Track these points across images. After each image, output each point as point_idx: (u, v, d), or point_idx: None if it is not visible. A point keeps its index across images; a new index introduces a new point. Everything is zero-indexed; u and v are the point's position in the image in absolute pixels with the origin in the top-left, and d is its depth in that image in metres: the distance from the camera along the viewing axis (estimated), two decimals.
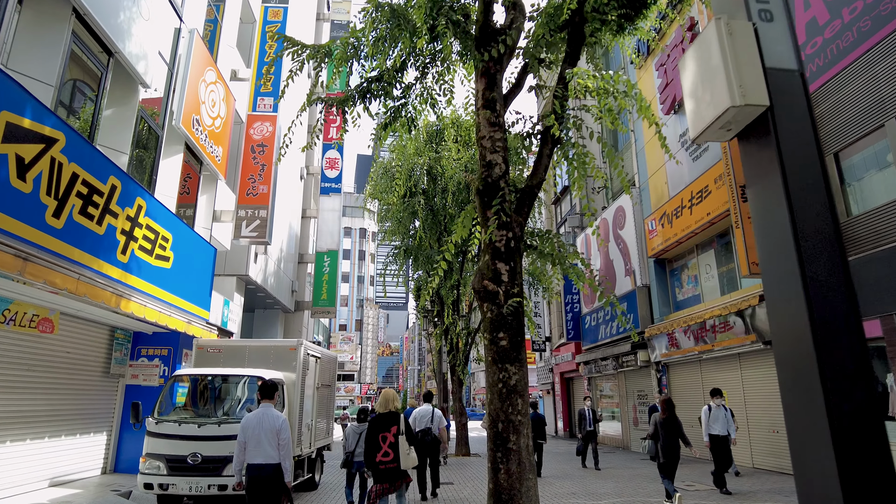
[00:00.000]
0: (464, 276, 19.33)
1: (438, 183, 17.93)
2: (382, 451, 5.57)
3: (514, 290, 5.96)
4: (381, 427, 5.70)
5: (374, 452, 5.58)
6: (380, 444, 5.61)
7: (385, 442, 5.60)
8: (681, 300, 16.64)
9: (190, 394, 8.11)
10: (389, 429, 5.67)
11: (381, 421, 5.74)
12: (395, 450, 5.57)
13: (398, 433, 5.65)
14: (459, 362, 18.54)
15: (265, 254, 16.28)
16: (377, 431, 5.69)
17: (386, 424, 5.71)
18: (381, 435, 5.65)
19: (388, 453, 5.55)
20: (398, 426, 5.70)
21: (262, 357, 9.14)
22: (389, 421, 5.74)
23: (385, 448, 5.62)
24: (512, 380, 5.68)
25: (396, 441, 5.60)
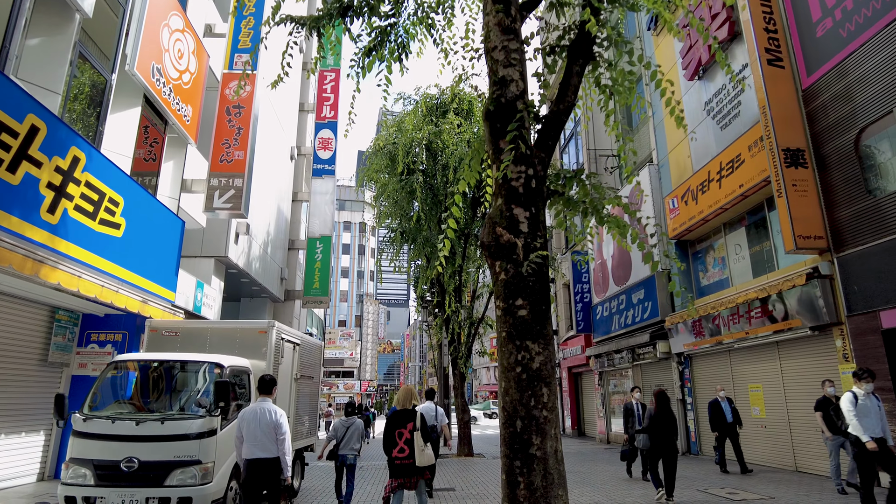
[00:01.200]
0: (466, 262, 17.83)
1: (439, 159, 16.43)
2: (398, 447, 5.52)
3: (537, 244, 4.47)
4: (397, 423, 5.62)
5: (391, 448, 5.56)
6: (396, 439, 5.54)
7: (401, 438, 5.54)
8: (705, 285, 15.13)
9: (136, 385, 6.61)
10: (406, 425, 5.57)
11: (399, 417, 5.65)
12: (410, 446, 5.51)
13: (414, 430, 5.57)
14: (462, 355, 17.05)
15: (247, 234, 14.80)
16: (394, 427, 5.61)
17: (402, 420, 5.61)
18: (397, 431, 5.57)
19: (404, 449, 5.50)
20: (414, 423, 5.59)
21: (226, 341, 7.66)
22: (406, 417, 5.64)
23: (401, 444, 5.53)
24: (535, 362, 4.21)
25: (412, 437, 5.53)
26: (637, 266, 17.79)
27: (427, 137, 16.17)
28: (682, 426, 15.20)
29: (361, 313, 70.72)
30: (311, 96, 23.87)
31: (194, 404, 6.08)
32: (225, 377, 6.44)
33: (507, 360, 4.26)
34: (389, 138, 17.45)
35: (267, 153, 17.82)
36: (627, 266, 18.48)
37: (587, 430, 24.38)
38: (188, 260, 13.58)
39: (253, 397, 7.24)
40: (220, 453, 6.13)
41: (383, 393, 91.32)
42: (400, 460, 5.48)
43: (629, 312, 18.00)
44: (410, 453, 5.48)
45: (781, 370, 11.60)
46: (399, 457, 5.48)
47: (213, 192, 10.86)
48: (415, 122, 16.88)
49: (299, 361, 8.97)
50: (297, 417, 8.87)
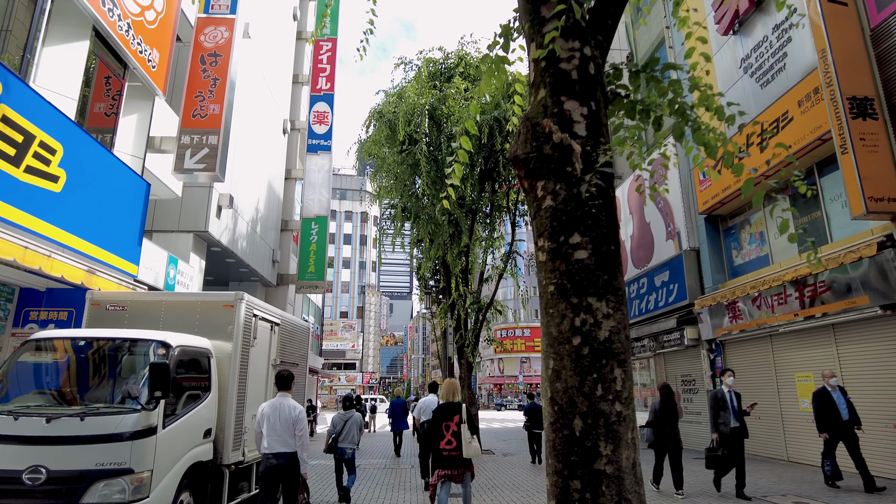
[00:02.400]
0: (473, 242, 16.34)
1: (443, 128, 14.89)
2: (446, 440, 5.58)
3: (598, 156, 2.97)
4: (444, 416, 5.69)
5: (438, 440, 5.63)
6: (443, 432, 5.61)
7: (448, 430, 5.59)
8: (740, 264, 13.61)
9: (57, 371, 5.14)
10: (452, 418, 5.64)
11: (445, 410, 5.73)
12: (457, 438, 5.54)
13: (461, 422, 5.61)
14: (469, 343, 15.59)
15: (231, 207, 13.33)
16: (441, 420, 5.67)
17: (449, 413, 5.68)
18: (444, 423, 5.64)
19: (451, 441, 5.56)
20: (461, 415, 5.65)
21: (184, 317, 6.20)
22: (452, 410, 5.71)
23: (448, 436, 5.58)
24: (601, 329, 2.72)
25: (459, 430, 5.56)
26: (660, 245, 16.27)
27: (430, 104, 14.64)
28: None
29: (363, 304, 69.38)
30: (305, 67, 22.32)
31: (123, 394, 4.62)
32: (171, 359, 4.98)
33: (558, 327, 2.77)
34: (389, 107, 15.93)
35: (256, 124, 16.33)
36: (649, 246, 16.96)
37: None
38: (164, 235, 12.16)
39: (217, 386, 5.81)
40: (163, 458, 4.69)
41: (386, 386, 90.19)
42: (447, 452, 5.54)
43: (651, 297, 16.50)
44: (457, 445, 5.52)
45: (839, 357, 10.09)
46: (446, 448, 5.55)
47: (184, 150, 9.38)
48: (417, 89, 15.35)
49: (279, 345, 7.51)
50: None
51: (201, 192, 12.57)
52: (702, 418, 14.33)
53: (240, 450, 6.08)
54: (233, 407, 5.92)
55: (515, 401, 55.44)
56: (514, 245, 15.83)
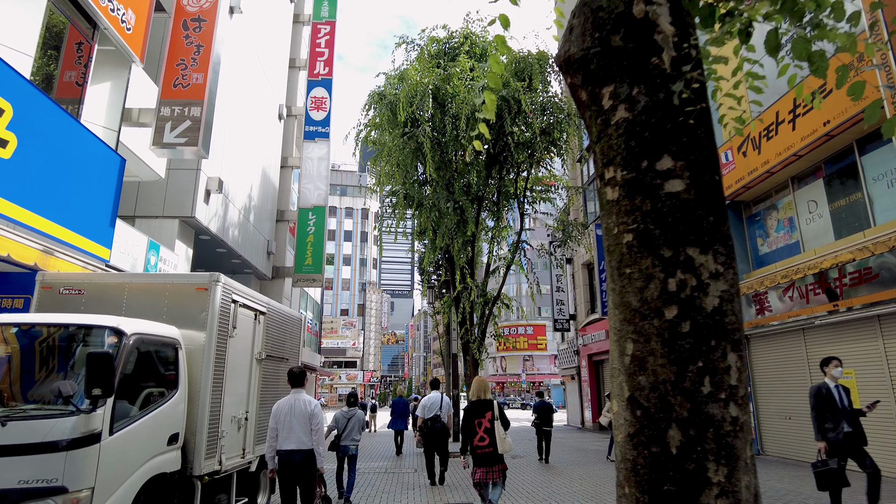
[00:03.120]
0: (479, 231, 15.44)
1: (447, 109, 13.97)
2: (479, 437, 5.53)
3: (689, 48, 1.96)
4: (476, 413, 5.64)
5: (471, 437, 5.59)
6: (475, 429, 5.57)
7: (480, 427, 5.55)
8: (765, 253, 12.69)
9: None
10: (484, 415, 5.59)
11: (476, 407, 5.68)
12: (490, 435, 5.50)
13: (493, 419, 5.56)
14: (475, 338, 14.69)
15: (220, 192, 12.43)
16: (473, 417, 5.63)
17: (481, 411, 5.64)
18: (476, 421, 5.60)
19: (484, 438, 5.51)
20: (492, 412, 5.61)
21: (150, 302, 5.30)
22: (484, 407, 5.66)
23: (481, 433, 5.54)
24: (708, 296, 1.68)
25: (492, 426, 5.52)
26: None
27: (434, 83, 13.72)
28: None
29: (364, 302, 68.50)
30: (303, 52, 21.41)
31: (53, 392, 3.72)
32: (123, 349, 4.08)
33: (641, 294, 1.87)
34: (390, 89, 15.02)
35: (249, 107, 15.43)
36: None
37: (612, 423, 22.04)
38: (148, 221, 11.29)
39: (187, 382, 4.93)
40: (110, 472, 3.79)
41: (387, 384, 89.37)
42: (481, 449, 5.52)
43: None
44: (491, 441, 5.51)
45: (885, 352, 9.18)
46: (480, 445, 5.53)
47: (163, 123, 8.49)
48: (420, 70, 14.45)
49: (265, 336, 6.61)
50: (262, 411, 6.52)
51: (187, 175, 11.68)
52: None
53: (215, 457, 5.18)
54: (206, 407, 5.02)
55: (518, 399, 54.52)
56: (523, 234, 14.91)
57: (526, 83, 13.12)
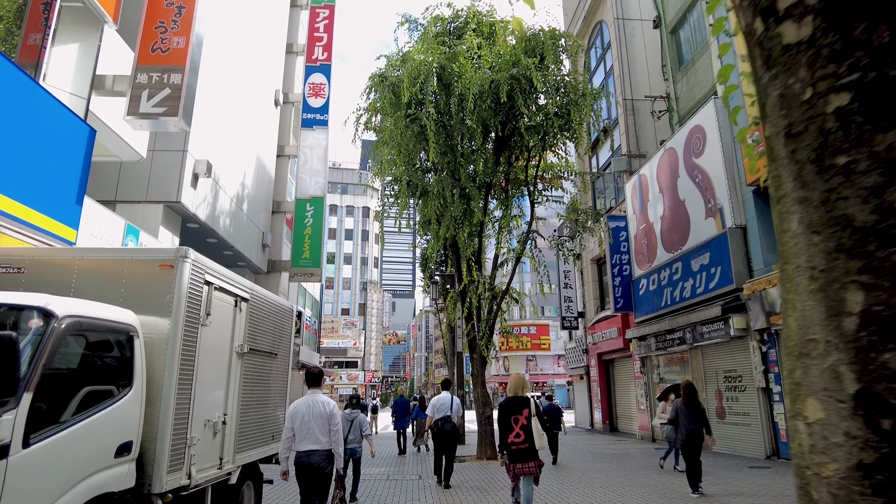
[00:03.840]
0: (487, 220, 14.53)
1: (453, 89, 13.04)
2: (514, 433, 5.56)
3: None
4: (512, 410, 5.63)
5: (507, 434, 5.60)
6: (512, 425, 5.59)
7: (517, 424, 5.57)
8: None
9: None
10: (521, 411, 5.59)
11: (513, 404, 5.68)
12: (526, 431, 5.54)
13: (530, 416, 5.59)
14: (483, 335, 13.77)
15: (210, 177, 11.55)
16: (509, 414, 5.63)
17: (517, 407, 5.63)
18: (512, 417, 5.60)
19: (520, 434, 5.54)
20: (529, 409, 5.60)
21: (104, 282, 4.41)
22: (520, 404, 5.64)
23: (517, 430, 5.56)
24: None
25: (528, 423, 5.55)
26: (698, 225, 14.42)
27: (438, 61, 12.79)
28: (768, 422, 11.91)
29: (365, 301, 67.60)
30: (301, 37, 20.52)
31: None
32: (51, 335, 3.17)
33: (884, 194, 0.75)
34: (392, 71, 14.10)
35: (243, 90, 14.54)
36: (684, 226, 15.11)
37: (621, 424, 21.12)
38: (130, 206, 10.40)
39: (145, 379, 4.03)
40: (25, 495, 2.87)
41: (389, 384, 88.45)
42: (516, 445, 5.53)
43: (687, 283, 14.66)
44: (526, 438, 5.52)
45: None
46: (515, 442, 5.54)
47: (140, 91, 7.60)
48: (423, 49, 13.53)
49: (248, 326, 5.70)
50: (245, 414, 5.61)
51: (173, 157, 10.80)
52: (750, 420, 12.50)
53: (182, 470, 4.28)
54: (170, 409, 4.11)
55: None
56: (534, 224, 13.98)
57: (538, 60, 12.21)
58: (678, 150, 15.50)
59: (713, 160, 13.76)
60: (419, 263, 27.35)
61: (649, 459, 12.51)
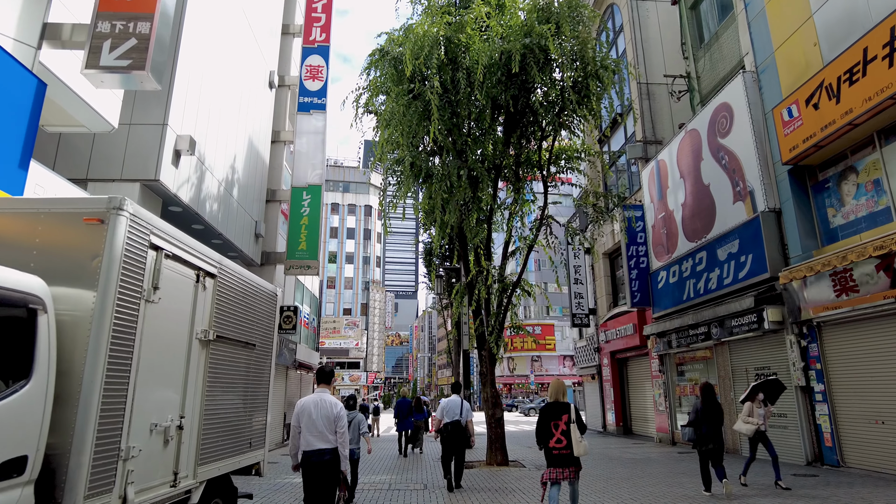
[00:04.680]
0: (497, 207, 13.46)
1: (460, 63, 11.97)
2: (555, 438, 5.60)
3: None
4: (552, 415, 5.68)
5: (547, 439, 5.66)
6: (552, 430, 5.64)
7: (557, 429, 5.61)
8: (840, 225, 10.67)
9: None
10: (561, 417, 5.63)
11: (553, 409, 5.72)
12: (567, 437, 5.57)
13: (569, 421, 5.62)
14: (492, 330, 12.69)
15: (194, 154, 10.51)
16: (549, 419, 5.68)
17: (557, 413, 5.67)
18: (552, 422, 5.65)
19: (561, 440, 5.57)
20: (569, 415, 5.63)
21: (12, 240, 3.34)
22: (560, 409, 5.69)
23: (557, 435, 5.59)
24: None
25: (568, 429, 5.58)
26: (725, 210, 13.32)
27: (444, 32, 11.72)
28: (810, 425, 10.79)
29: (367, 301, 66.56)
30: (298, 17, 19.49)
31: None
32: None
33: None
34: (395, 46, 13.02)
35: (233, 67, 13.51)
36: (709, 213, 14.00)
37: (635, 426, 20.00)
38: (103, 185, 9.37)
39: (52, 368, 2.96)
40: None
41: (391, 386, 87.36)
42: (558, 450, 5.54)
43: (713, 274, 13.56)
44: (567, 444, 5.54)
45: None
46: (557, 447, 5.55)
47: (100, 41, 6.56)
48: (428, 21, 12.44)
49: (216, 308, 4.63)
50: (211, 416, 4.54)
51: (151, 131, 9.76)
52: (787, 422, 11.39)
53: (112, 492, 3.21)
54: (91, 411, 3.05)
55: (527, 401, 52.27)
56: (548, 209, 12.88)
57: (553, 27, 11.12)
58: (701, 132, 14.41)
59: (742, 139, 12.67)
60: (422, 259, 26.30)
61: (676, 465, 11.41)
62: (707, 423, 7.88)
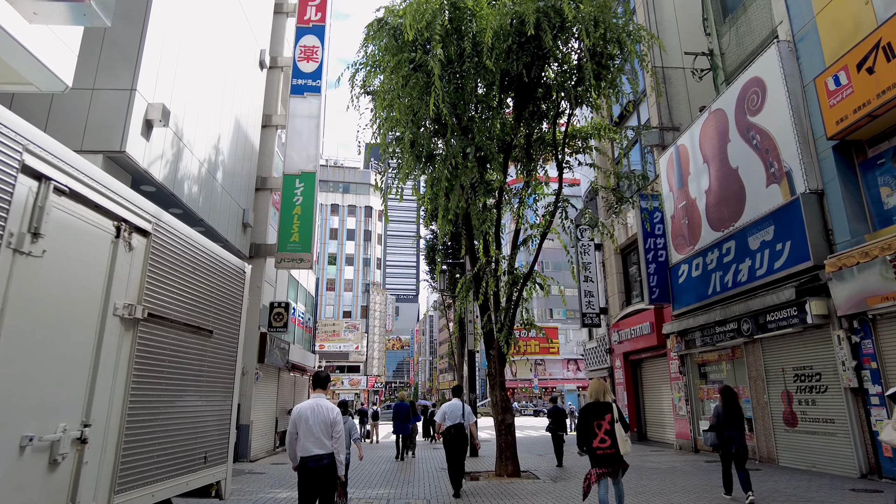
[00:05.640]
0: (506, 192, 12.27)
1: (466, 31, 10.81)
2: (599, 438, 5.58)
3: None
4: (595, 415, 5.70)
5: (591, 439, 5.64)
6: (595, 430, 5.62)
7: (600, 429, 5.60)
8: (893, 207, 9.46)
9: None
10: (604, 416, 5.63)
11: (595, 409, 5.74)
12: (611, 436, 5.56)
13: (613, 420, 5.60)
14: (503, 326, 11.45)
15: (168, 126, 9.34)
16: (592, 419, 5.70)
17: (600, 413, 5.70)
18: (595, 422, 5.63)
19: (605, 440, 5.56)
20: (612, 414, 5.65)
21: None
22: (603, 409, 5.72)
23: (601, 434, 5.57)
24: None
25: (612, 428, 5.56)
26: (756, 194, 12.11)
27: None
28: (863, 433, 9.53)
29: (367, 304, 65.30)
30: None
31: None
32: None
33: None
34: (395, 18, 11.84)
35: (219, 41, 12.35)
36: (737, 199, 12.80)
37: (651, 432, 18.74)
38: None
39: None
40: None
41: (392, 390, 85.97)
42: (602, 450, 5.53)
43: (743, 265, 12.34)
44: (612, 443, 5.51)
45: None
46: (601, 447, 5.54)
47: None
48: None
49: (150, 277, 3.43)
50: (139, 423, 3.33)
51: (117, 96, 8.59)
52: (836, 428, 10.14)
53: None
54: None
55: (531, 405, 50.97)
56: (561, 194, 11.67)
57: None
58: (728, 111, 13.21)
59: (776, 116, 11.48)
60: (423, 256, 25.07)
61: (708, 476, 10.15)
62: (729, 426, 7.72)
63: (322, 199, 66.50)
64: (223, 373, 4.55)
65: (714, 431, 7.99)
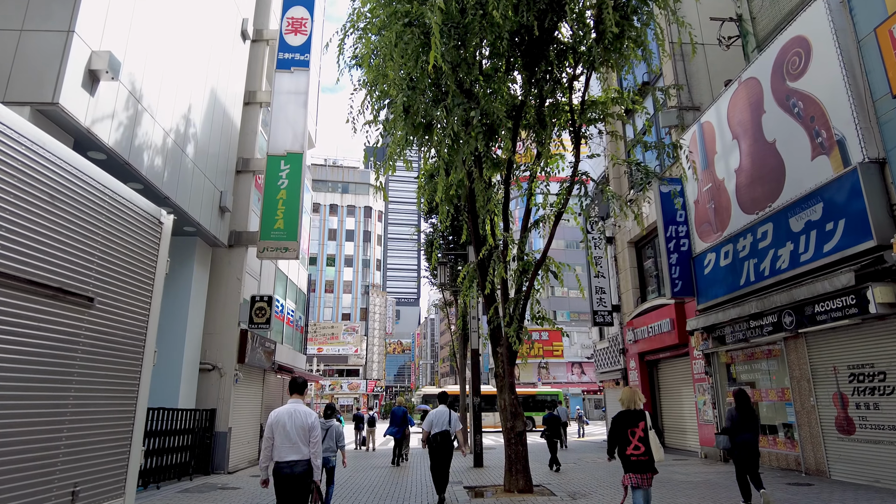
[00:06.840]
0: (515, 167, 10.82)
1: None
2: (633, 445, 5.62)
3: None
4: (629, 422, 5.73)
5: (625, 446, 5.67)
6: (629, 438, 5.65)
7: (634, 436, 5.63)
8: None
9: None
10: (637, 424, 5.70)
11: (629, 417, 5.77)
12: (644, 443, 5.59)
13: (646, 428, 5.66)
14: (513, 319, 9.94)
15: (116, 80, 7.90)
16: (626, 427, 5.73)
17: (634, 420, 5.73)
18: (629, 430, 5.68)
19: (639, 447, 5.60)
20: (645, 422, 5.71)
21: None
22: (637, 417, 5.74)
23: (635, 442, 5.61)
24: None
25: (646, 435, 5.61)
26: (800, 168, 10.65)
27: None
28: None
29: (367, 306, 63.79)
30: None
31: None
32: None
33: None
34: None
35: (193, 6, 10.95)
36: (775, 176, 11.34)
37: (670, 439, 17.21)
38: None
39: None
40: None
41: (393, 395, 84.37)
42: (636, 457, 5.60)
43: (783, 249, 10.87)
44: (646, 451, 5.56)
45: None
46: (635, 454, 5.60)
47: None
48: None
49: None
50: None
51: (51, 39, 7.16)
52: None
53: None
54: None
55: None
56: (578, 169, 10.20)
57: None
58: (762, 79, 11.77)
59: (824, 78, 10.03)
60: (423, 250, 23.62)
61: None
62: (743, 430, 7.62)
63: (321, 199, 65.03)
64: (117, 362, 3.09)
65: (727, 435, 7.82)
